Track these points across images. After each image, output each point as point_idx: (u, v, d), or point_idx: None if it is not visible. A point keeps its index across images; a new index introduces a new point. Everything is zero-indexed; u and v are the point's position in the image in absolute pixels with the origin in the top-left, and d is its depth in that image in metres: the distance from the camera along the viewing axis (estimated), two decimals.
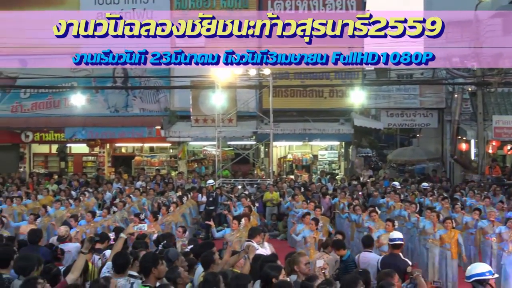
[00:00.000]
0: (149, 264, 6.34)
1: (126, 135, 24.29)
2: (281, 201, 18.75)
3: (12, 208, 16.05)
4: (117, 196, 17.74)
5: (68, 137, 24.47)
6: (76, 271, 6.54)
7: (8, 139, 26.12)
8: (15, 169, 26.00)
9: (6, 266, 6.89)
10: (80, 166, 27.50)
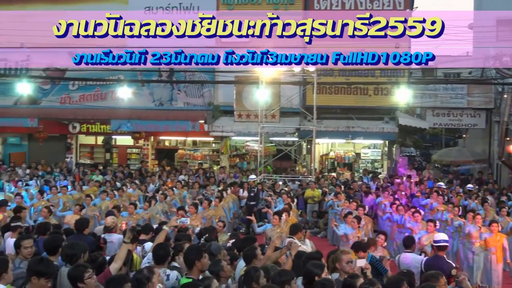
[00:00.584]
0: (193, 256, 6.41)
1: (170, 128, 24.52)
2: (322, 198, 18.66)
3: (57, 197, 16.48)
4: (160, 189, 17.96)
5: (113, 129, 24.88)
6: (119, 261, 6.62)
7: (57, 129, 26.76)
8: (62, 159, 26.64)
9: (55, 253, 7.08)
10: (125, 158, 27.99)
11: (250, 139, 25.06)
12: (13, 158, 26.57)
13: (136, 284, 5.68)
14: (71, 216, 13.50)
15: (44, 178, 20.10)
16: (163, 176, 21.06)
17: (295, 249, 7.35)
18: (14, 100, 26.00)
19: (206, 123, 24.01)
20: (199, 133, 25.09)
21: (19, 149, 27.70)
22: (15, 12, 24.81)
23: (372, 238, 9.82)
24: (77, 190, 17.46)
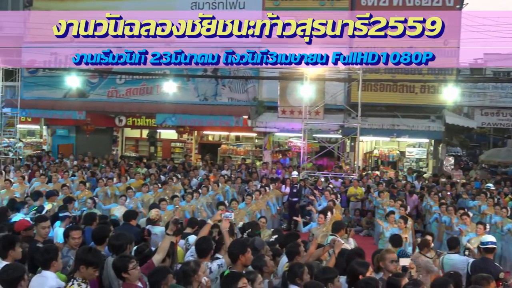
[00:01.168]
0: (237, 250, 6.44)
1: (214, 123, 24.69)
2: (365, 196, 18.46)
3: (104, 189, 16.82)
4: (203, 183, 18.10)
5: (158, 123, 25.18)
6: (162, 252, 6.70)
7: (103, 122, 27.32)
8: (108, 151, 27.19)
9: (102, 243, 7.23)
10: (169, 152, 28.30)
11: (293, 136, 24.99)
12: (61, 149, 27.26)
13: (183, 276, 5.74)
14: (116, 208, 13.73)
15: (91, 170, 20.50)
16: (207, 170, 21.17)
17: (338, 247, 7.30)
18: (64, 93, 26.68)
19: (249, 119, 24.05)
20: (243, 129, 25.19)
21: (67, 141, 28.44)
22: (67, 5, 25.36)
23: (426, 239, 9.62)
24: (122, 182, 17.73)
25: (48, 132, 29.01)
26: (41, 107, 26.01)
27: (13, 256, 6.33)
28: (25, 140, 29.77)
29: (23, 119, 26.92)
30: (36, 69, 26.65)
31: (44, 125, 28.84)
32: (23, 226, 8.20)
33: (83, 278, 5.79)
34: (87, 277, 5.82)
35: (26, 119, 27.60)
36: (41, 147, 29.04)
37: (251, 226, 9.69)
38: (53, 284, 5.77)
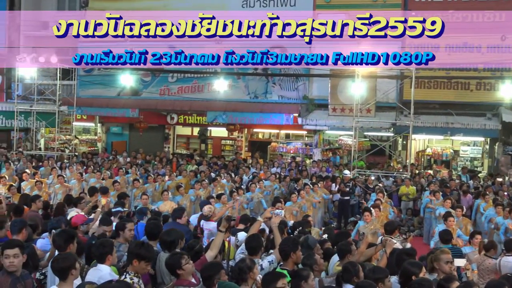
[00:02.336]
0: (289, 248, 6.42)
1: (264, 121, 24.78)
2: (417, 196, 18.12)
3: (153, 185, 17.07)
4: (253, 180, 18.17)
5: (209, 121, 25.46)
6: (215, 249, 6.76)
7: (156, 120, 27.78)
8: (160, 149, 27.67)
9: (155, 238, 7.36)
10: (219, 149, 28.51)
11: (343, 134, 24.75)
12: (115, 146, 27.96)
13: (238, 273, 5.76)
14: (163, 204, 13.95)
15: (143, 166, 20.89)
16: (257, 168, 21.29)
17: (390, 247, 7.19)
18: (118, 92, 27.27)
19: (300, 117, 23.99)
20: (293, 127, 25.14)
21: (121, 138, 29.11)
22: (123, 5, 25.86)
23: (493, 240, 9.36)
24: (171, 179, 17.99)
25: (103, 129, 29.74)
26: (96, 105, 26.68)
27: (72, 250, 6.52)
28: (80, 137, 30.60)
29: (78, 117, 27.64)
30: (91, 68, 27.33)
31: (98, 123, 29.58)
32: (80, 221, 8.41)
33: (136, 272, 5.88)
34: (139, 271, 5.92)
35: (81, 117, 28.33)
36: (96, 144, 29.80)
37: (301, 224, 9.67)
38: (107, 277, 5.91)
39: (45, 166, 19.79)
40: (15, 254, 5.78)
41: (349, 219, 17.87)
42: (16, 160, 21.47)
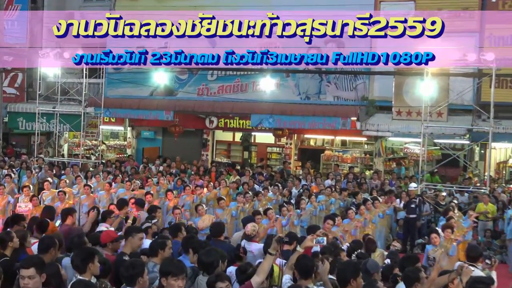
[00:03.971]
0: (348, 274, 6.42)
1: (316, 125, 24.54)
2: (499, 216, 17.71)
3: (191, 197, 17.21)
4: (302, 194, 18.12)
5: (254, 125, 25.43)
6: (262, 274, 6.74)
7: (193, 124, 28.03)
8: (197, 156, 27.87)
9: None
10: (264, 158, 28.59)
11: (410, 141, 24.45)
12: (146, 153, 28.32)
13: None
14: (201, 220, 14.00)
15: (179, 177, 21.01)
16: (308, 180, 21.23)
17: (467, 275, 7.04)
18: (150, 91, 27.66)
19: (358, 121, 23.81)
20: (350, 132, 25.00)
21: (153, 143, 29.51)
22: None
23: None
24: (209, 190, 18.10)
25: (133, 134, 30.24)
26: (126, 106, 26.93)
27: (92, 271, 6.64)
28: (108, 142, 31.20)
29: (106, 120, 28.24)
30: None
31: (128, 126, 30.08)
32: (110, 238, 8.55)
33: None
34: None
35: (109, 120, 28.92)
36: (125, 151, 30.31)
37: (359, 246, 9.58)
38: None
39: (67, 175, 20.27)
40: (30, 275, 5.92)
41: (415, 241, 17.61)
42: (37, 168, 22.02)
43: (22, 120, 28.66)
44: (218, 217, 15.13)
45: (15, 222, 9.94)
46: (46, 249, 7.58)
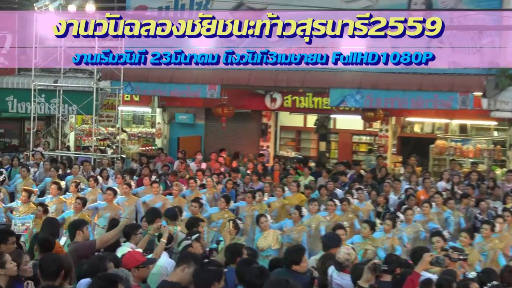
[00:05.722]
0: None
1: (423, 104, 24.07)
2: None
3: (252, 207, 17.35)
4: (405, 201, 18.02)
5: (333, 104, 25.08)
6: None
7: (247, 103, 28.14)
8: (254, 148, 28.14)
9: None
10: (349, 150, 28.70)
11: None
12: (183, 144, 28.14)
13: None
14: (263, 237, 14.23)
15: (229, 178, 21.02)
16: (412, 182, 21.07)
17: None
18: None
19: (485, 97, 23.40)
20: (472, 113, 24.78)
21: (192, 131, 29.65)
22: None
23: None
24: (277, 196, 18.20)
25: (164, 117, 30.48)
26: (154, 79, 26.54)
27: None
28: (129, 130, 31.35)
29: (127, 98, 28.51)
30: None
31: (158, 107, 30.36)
32: (136, 261, 8.68)
33: None
34: None
35: (131, 98, 29.26)
36: (153, 141, 30.51)
37: (492, 277, 9.47)
38: None
39: (75, 174, 20.55)
40: None
41: None
42: (34, 165, 22.26)
43: (12, 99, 28.95)
44: (286, 233, 15.22)
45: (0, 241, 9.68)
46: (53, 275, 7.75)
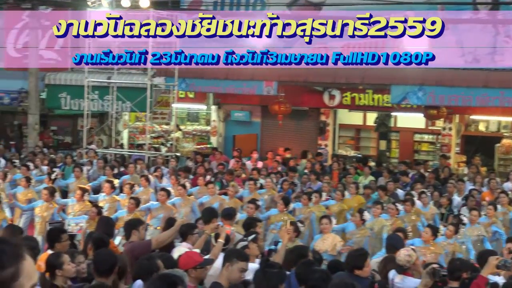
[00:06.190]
0: None
1: (489, 101, 23.84)
2: None
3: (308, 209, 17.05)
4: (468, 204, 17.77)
5: (394, 102, 25.09)
6: None
7: (305, 100, 28.23)
8: (312, 147, 27.94)
9: None
10: (410, 149, 28.55)
11: None
12: (238, 142, 28.31)
13: None
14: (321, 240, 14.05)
15: (285, 178, 20.75)
16: (477, 182, 20.81)
17: None
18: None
19: None
20: None
21: (248, 129, 29.81)
22: None
23: None
24: (337, 199, 17.97)
25: (219, 115, 30.55)
26: (210, 75, 26.69)
27: None
28: (184, 127, 31.38)
29: (182, 95, 28.54)
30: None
31: (213, 105, 30.50)
32: (193, 262, 8.58)
33: None
34: None
35: (186, 95, 29.33)
36: (208, 139, 30.43)
37: None
38: None
39: (131, 174, 20.63)
40: None
41: None
42: (88, 163, 22.29)
43: (65, 96, 29.15)
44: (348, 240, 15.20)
45: (54, 239, 10.18)
46: (107, 271, 7.99)
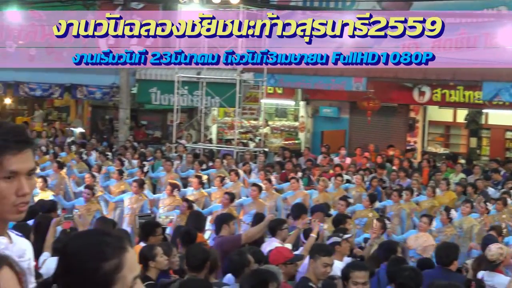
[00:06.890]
0: None
1: None
2: None
3: (399, 206, 17.02)
4: None
5: (486, 98, 24.77)
6: None
7: (394, 96, 28.02)
8: (401, 143, 27.85)
9: None
10: (501, 147, 28.17)
11: None
12: (326, 138, 28.43)
13: None
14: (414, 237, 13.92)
15: (374, 175, 20.66)
16: None
17: None
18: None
19: None
20: None
21: (336, 125, 29.78)
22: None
23: None
24: (428, 196, 17.87)
25: (308, 111, 30.58)
26: (298, 71, 26.11)
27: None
28: (272, 123, 31.45)
29: (270, 90, 28.72)
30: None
31: (301, 100, 30.51)
32: (283, 257, 8.57)
33: None
34: None
35: (275, 91, 29.49)
36: (296, 135, 30.51)
37: None
38: None
39: (218, 168, 20.75)
40: None
41: None
42: (177, 157, 22.65)
43: (155, 91, 29.28)
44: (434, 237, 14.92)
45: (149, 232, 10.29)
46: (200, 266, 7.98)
